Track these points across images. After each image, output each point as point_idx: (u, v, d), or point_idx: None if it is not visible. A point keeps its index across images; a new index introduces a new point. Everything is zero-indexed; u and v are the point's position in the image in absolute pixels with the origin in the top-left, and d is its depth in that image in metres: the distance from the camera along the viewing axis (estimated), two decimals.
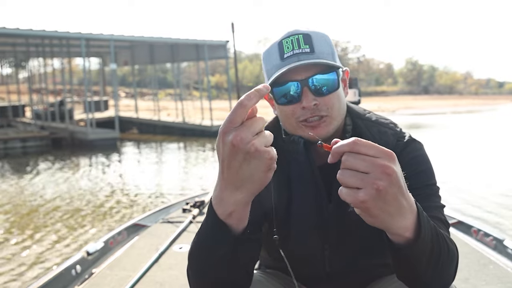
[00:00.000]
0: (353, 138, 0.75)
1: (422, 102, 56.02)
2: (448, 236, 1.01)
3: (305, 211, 1.19)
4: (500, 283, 2.51)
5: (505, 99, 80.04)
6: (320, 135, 1.11)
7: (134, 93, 28.57)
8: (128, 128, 23.27)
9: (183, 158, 13.84)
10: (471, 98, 74.84)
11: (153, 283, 2.71)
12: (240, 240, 0.89)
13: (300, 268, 1.26)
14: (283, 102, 1.13)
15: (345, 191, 0.75)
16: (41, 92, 25.35)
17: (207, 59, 20.02)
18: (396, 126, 1.23)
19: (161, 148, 16.62)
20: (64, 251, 4.99)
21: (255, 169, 0.78)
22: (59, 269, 2.70)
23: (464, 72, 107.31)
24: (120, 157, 14.15)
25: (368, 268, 1.25)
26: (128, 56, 24.00)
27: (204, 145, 16.60)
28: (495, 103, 61.55)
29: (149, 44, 21.74)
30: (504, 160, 11.20)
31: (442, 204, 1.14)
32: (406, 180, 1.05)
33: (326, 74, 1.10)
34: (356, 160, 0.74)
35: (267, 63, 1.16)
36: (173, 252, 3.21)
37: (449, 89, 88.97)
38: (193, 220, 3.84)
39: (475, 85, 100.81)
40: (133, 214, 6.65)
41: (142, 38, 19.29)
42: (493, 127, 21.96)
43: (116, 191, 8.42)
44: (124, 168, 11.95)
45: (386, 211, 0.77)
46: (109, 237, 3.40)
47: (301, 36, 1.10)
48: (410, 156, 1.15)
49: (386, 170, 0.74)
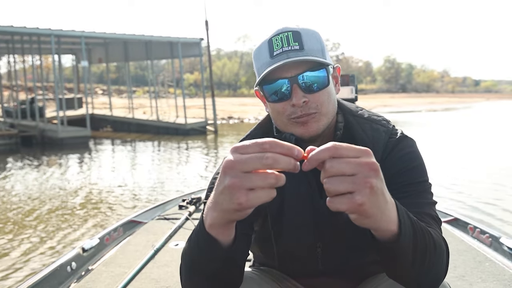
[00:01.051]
0: (331, 143, 0.72)
1: (399, 100, 56.74)
2: (438, 232, 1.02)
3: (297, 209, 1.19)
4: (496, 281, 2.51)
5: (480, 97, 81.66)
6: (310, 132, 1.12)
7: (108, 90, 28.23)
8: (102, 126, 23.00)
9: (151, 156, 13.74)
10: (448, 96, 76.16)
11: (149, 279, 2.70)
12: (229, 251, 0.90)
13: (293, 265, 1.29)
14: (274, 99, 1.13)
15: (338, 199, 0.72)
16: (13, 89, 24.85)
17: (181, 57, 19.88)
18: (388, 123, 1.23)
19: (131, 146, 16.46)
20: (32, 256, 4.82)
21: (228, 202, 0.76)
22: (54, 265, 2.65)
23: (441, 70, 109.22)
24: (89, 155, 13.97)
25: (361, 265, 1.25)
26: (103, 54, 23.69)
27: (178, 143, 16.53)
28: (471, 101, 62.79)
29: (124, 41, 21.50)
30: (477, 157, 11.45)
31: (434, 200, 1.13)
32: (399, 177, 1.08)
33: (315, 71, 1.09)
34: (341, 165, 0.71)
35: (257, 61, 1.16)
36: (169, 249, 3.21)
37: (426, 87, 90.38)
38: (189, 217, 3.85)
39: (452, 83, 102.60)
40: (98, 216, 6.57)
41: (114, 35, 19.06)
42: (468, 125, 22.38)
43: (81, 191, 8.32)
44: (92, 166, 11.81)
45: (379, 207, 0.76)
46: (105, 233, 3.35)
47: (290, 33, 1.10)
48: (402, 153, 1.15)
49: (373, 167, 0.73)
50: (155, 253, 3.08)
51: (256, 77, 1.17)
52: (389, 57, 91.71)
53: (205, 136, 18.76)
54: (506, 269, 2.64)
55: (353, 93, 4.72)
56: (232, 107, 36.80)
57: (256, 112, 32.35)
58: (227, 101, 45.38)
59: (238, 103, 42.17)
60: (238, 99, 51.21)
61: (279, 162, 0.70)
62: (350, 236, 1.15)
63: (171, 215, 3.99)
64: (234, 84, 67.30)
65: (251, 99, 50.95)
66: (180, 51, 19.42)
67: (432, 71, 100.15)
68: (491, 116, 30.34)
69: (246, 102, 44.76)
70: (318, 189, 1.17)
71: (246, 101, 46.62)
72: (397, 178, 1.09)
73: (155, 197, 7.52)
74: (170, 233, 3.45)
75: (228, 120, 27.48)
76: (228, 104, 40.66)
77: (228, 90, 64.75)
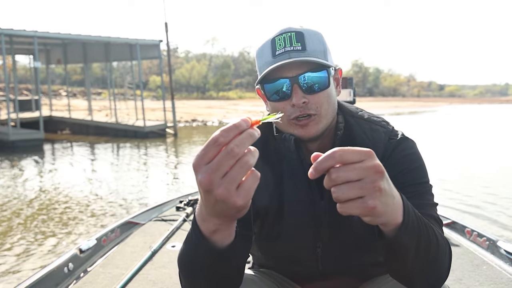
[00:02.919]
0: (335, 150, 0.72)
1: (366, 104, 57.54)
2: (440, 232, 1.02)
3: (297, 209, 1.18)
4: (493, 284, 2.52)
5: (444, 101, 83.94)
6: (310, 134, 1.12)
7: (67, 92, 27.63)
8: (61, 129, 22.46)
9: (104, 160, 13.49)
10: (413, 100, 77.89)
11: (146, 281, 2.71)
12: (226, 251, 0.88)
13: (293, 267, 1.29)
14: (275, 99, 1.13)
15: (349, 205, 0.73)
16: None
17: (140, 59, 19.61)
18: (388, 124, 1.23)
19: (86, 149, 16.11)
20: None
21: (227, 209, 0.74)
22: (51, 266, 2.63)
23: (407, 74, 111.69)
24: (40, 159, 13.59)
25: (361, 266, 1.24)
26: (61, 55, 23.15)
27: (131, 145, 16.30)
28: (435, 105, 64.41)
29: (83, 43, 21.06)
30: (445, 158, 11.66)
31: (435, 202, 1.14)
32: (400, 178, 1.07)
33: (317, 72, 1.10)
34: (348, 172, 0.72)
35: (259, 60, 1.16)
36: (167, 250, 3.22)
37: (393, 91, 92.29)
38: (187, 218, 3.87)
39: (418, 87, 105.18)
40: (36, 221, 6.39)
41: (69, 35, 18.58)
42: (433, 128, 22.92)
43: (27, 196, 8.08)
44: (42, 170, 11.50)
45: (389, 205, 0.78)
46: (102, 234, 3.33)
47: (293, 34, 1.11)
48: (402, 154, 1.16)
49: (378, 169, 0.73)
50: (153, 255, 3.11)
51: (258, 75, 1.17)
52: (357, 61, 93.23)
53: (164, 139, 18.55)
54: (504, 273, 2.66)
55: (351, 95, 4.76)
56: (198, 110, 36.62)
57: (221, 115, 32.28)
58: (195, 103, 45.19)
59: (205, 106, 42.03)
60: (206, 101, 51.04)
61: (244, 144, 0.69)
62: (350, 236, 1.16)
63: (168, 217, 4.02)
64: (203, 87, 66.95)
65: (219, 102, 50.97)
66: (139, 53, 19.16)
67: (398, 75, 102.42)
68: (455, 119, 31.24)
69: (213, 105, 44.67)
70: (318, 190, 1.17)
71: (213, 103, 46.52)
72: (398, 180, 1.09)
73: (101, 205, 7.37)
74: (167, 235, 3.48)
75: (192, 123, 27.28)
76: (194, 106, 40.47)
77: (197, 92, 64.38)
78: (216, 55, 72.67)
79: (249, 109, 40.52)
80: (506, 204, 6.79)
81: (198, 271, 0.94)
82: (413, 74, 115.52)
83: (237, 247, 0.90)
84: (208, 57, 72.37)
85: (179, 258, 0.99)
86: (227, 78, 67.59)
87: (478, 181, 8.53)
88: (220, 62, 69.20)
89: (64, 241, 5.26)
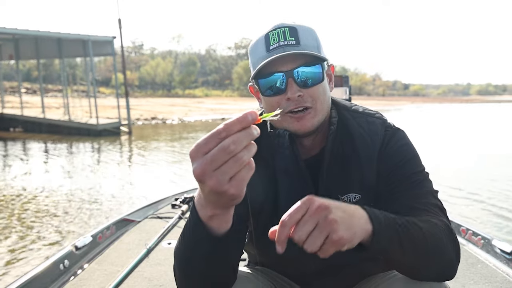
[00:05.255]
0: (282, 221, 0.81)
1: None
2: (440, 220, 1.03)
3: (292, 205, 1.13)
4: (487, 283, 2.53)
5: (407, 100, 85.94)
6: (305, 128, 1.12)
7: (18, 88, 26.81)
8: (13, 126, 21.81)
9: (52, 159, 13.15)
10: (377, 99, 79.44)
11: (142, 278, 2.71)
12: (223, 239, 0.89)
13: (288, 265, 1.27)
14: (269, 94, 1.13)
15: (324, 248, 0.81)
16: None
17: (92, 55, 19.22)
18: (383, 116, 1.24)
19: (36, 147, 15.69)
20: None
21: (221, 198, 0.76)
22: (47, 263, 2.61)
23: (373, 74, 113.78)
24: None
25: (356, 264, 1.24)
26: (12, 50, 22.44)
27: (89, 145, 15.96)
28: (398, 104, 65.79)
29: (35, 38, 20.47)
30: None
31: (435, 189, 1.14)
32: (397, 171, 1.13)
33: (311, 66, 1.11)
34: (304, 227, 0.80)
35: (253, 56, 1.16)
36: (162, 248, 3.23)
37: (358, 90, 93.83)
38: (182, 216, 3.87)
39: (383, 86, 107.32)
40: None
41: (17, 30, 18.04)
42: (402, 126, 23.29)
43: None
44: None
45: (353, 225, 0.84)
46: (97, 231, 3.30)
47: (287, 29, 1.11)
48: (398, 145, 1.17)
49: (322, 207, 0.80)
50: (148, 252, 3.11)
51: (251, 71, 1.17)
52: None
53: (118, 138, 18.24)
54: (498, 271, 2.66)
55: (347, 94, 4.74)
56: (161, 108, 36.22)
57: (183, 113, 32.03)
58: (159, 101, 44.68)
59: (169, 104, 41.61)
60: (170, 99, 50.58)
61: (241, 142, 0.70)
62: None
63: (164, 214, 4.03)
64: (168, 84, 66.30)
65: (183, 100, 50.56)
66: (91, 49, 18.77)
67: (364, 74, 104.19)
68: (419, 118, 31.97)
69: (176, 102, 44.27)
70: (314, 188, 1.17)
71: (177, 101, 46.11)
72: (397, 171, 1.14)
73: None
74: (163, 232, 3.48)
75: (151, 121, 26.96)
76: (157, 104, 40.01)
77: (163, 90, 63.70)
78: (182, 52, 72.11)
79: (213, 107, 40.38)
80: (472, 198, 7.04)
81: (195, 260, 0.95)
82: (378, 73, 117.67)
83: (233, 237, 0.92)
84: (173, 54, 71.73)
85: (175, 248, 1.01)
86: (192, 75, 67.18)
87: (443, 180, 8.70)
88: (186, 60, 68.67)
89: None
